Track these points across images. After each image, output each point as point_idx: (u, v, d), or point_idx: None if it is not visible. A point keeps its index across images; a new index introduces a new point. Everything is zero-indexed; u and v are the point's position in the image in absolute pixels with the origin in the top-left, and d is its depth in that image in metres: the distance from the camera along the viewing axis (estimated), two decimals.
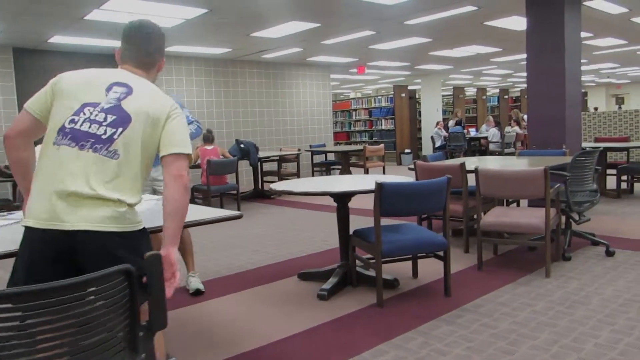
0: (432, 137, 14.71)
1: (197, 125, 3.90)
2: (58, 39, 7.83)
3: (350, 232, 3.76)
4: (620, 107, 24.39)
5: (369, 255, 3.60)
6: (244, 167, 10.03)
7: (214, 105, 10.50)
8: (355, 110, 16.36)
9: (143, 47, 1.99)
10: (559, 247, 4.26)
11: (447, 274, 3.52)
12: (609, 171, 7.55)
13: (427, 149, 14.83)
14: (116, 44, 2.02)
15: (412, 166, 4.90)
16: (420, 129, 16.15)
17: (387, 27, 8.05)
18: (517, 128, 14.54)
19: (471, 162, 5.25)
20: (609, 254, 4.28)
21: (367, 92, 17.92)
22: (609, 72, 18.62)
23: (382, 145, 10.50)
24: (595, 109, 20.70)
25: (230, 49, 9.41)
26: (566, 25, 5.91)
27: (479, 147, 14.42)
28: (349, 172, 10.74)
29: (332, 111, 17.09)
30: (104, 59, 6.47)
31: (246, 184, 9.84)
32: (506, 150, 13.00)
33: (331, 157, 11.83)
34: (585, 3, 6.83)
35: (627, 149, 7.54)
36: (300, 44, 9.25)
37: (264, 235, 5.91)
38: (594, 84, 25.21)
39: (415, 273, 4.00)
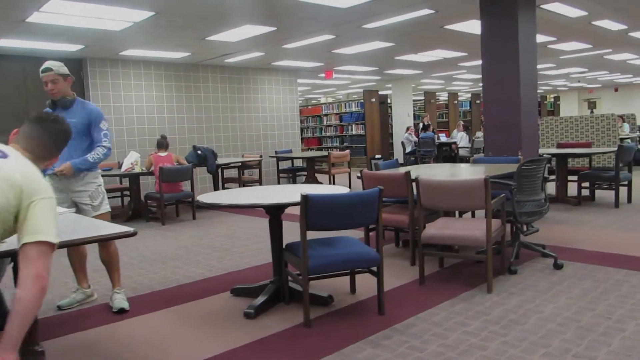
0: (402, 143, 14.58)
1: (107, 149, 3.63)
2: (4, 42, 7.49)
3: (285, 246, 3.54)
4: (592, 112, 24.60)
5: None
6: (205, 173, 9.79)
7: (175, 110, 10.21)
8: (326, 115, 16.18)
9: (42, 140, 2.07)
10: (505, 260, 4.09)
11: (380, 291, 3.31)
12: (570, 177, 7.44)
13: (399, 154, 14.69)
14: (66, 47, 1.83)
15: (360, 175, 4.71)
16: (391, 134, 16.03)
17: (346, 31, 7.88)
18: None
19: (421, 170, 5.08)
20: (557, 267, 4.12)
21: (338, 97, 17.76)
22: (579, 77, 18.72)
23: (347, 152, 10.32)
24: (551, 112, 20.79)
25: (189, 53, 9.15)
26: (520, 28, 5.79)
27: (450, 153, 14.33)
28: (315, 179, 10.54)
29: (303, 116, 16.92)
30: None
31: (208, 191, 9.57)
32: (475, 156, 12.92)
33: (299, 162, 11.63)
34: (542, 6, 6.73)
35: (588, 155, 7.44)
36: (261, 48, 9.03)
37: (211, 245, 5.66)
38: (566, 89, 25.41)
39: (353, 288, 3.80)
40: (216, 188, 8.94)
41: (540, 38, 9.47)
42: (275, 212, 3.63)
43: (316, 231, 3.24)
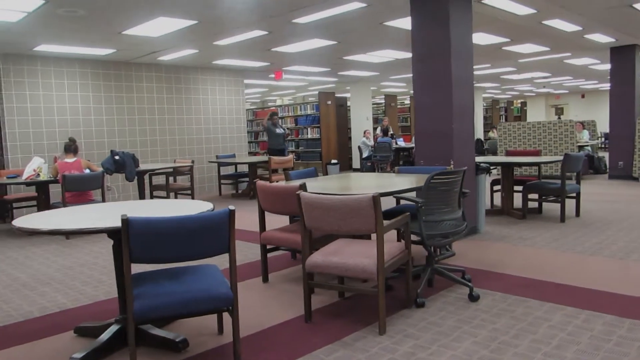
0: (359, 147, 14.00)
1: None
2: None
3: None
4: (559, 118, 24.41)
5: None
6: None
7: (104, 111, 9.40)
8: (281, 118, 15.48)
9: None
10: (412, 290, 3.45)
11: (235, 336, 2.64)
12: (518, 188, 6.88)
13: (357, 159, 14.10)
14: None
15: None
16: (350, 138, 15.43)
17: (278, 26, 7.22)
18: None
19: (329, 182, 4.44)
20: (473, 298, 3.50)
21: (294, 99, 17.11)
22: (544, 82, 18.40)
23: (290, 157, 9.65)
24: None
25: (114, 49, 8.39)
26: (453, 24, 5.20)
27: (409, 158, 13.77)
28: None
29: (259, 119, 16.20)
30: None
31: (130, 200, 8.81)
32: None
33: (245, 168, 10.92)
34: (482, 1, 6.16)
35: (534, 164, 6.90)
36: (191, 44, 8.32)
37: (97, 267, 4.91)
38: (533, 94, 25.19)
39: (220, 328, 3.12)
40: (142, 197, 8.19)
41: (492, 39, 8.97)
42: (118, 237, 2.92)
43: (152, 264, 2.56)
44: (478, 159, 7.40)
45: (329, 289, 3.38)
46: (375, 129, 15.53)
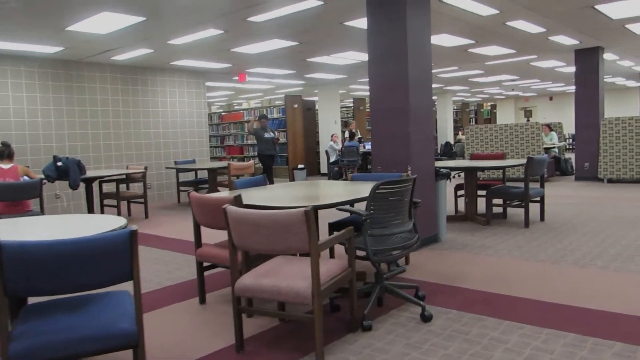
0: (326, 152, 13.71)
1: None
2: None
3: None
4: (528, 120, 24.54)
5: None
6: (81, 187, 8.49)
7: (52, 114, 8.89)
8: (247, 121, 15.08)
9: None
10: (360, 311, 3.13)
11: None
12: (482, 193, 6.66)
13: (326, 164, 13.79)
14: None
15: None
16: (318, 143, 15.12)
17: (233, 25, 6.87)
18: None
19: (275, 191, 4.10)
20: (425, 318, 3.20)
21: (258, 102, 16.73)
22: (512, 85, 18.40)
23: (251, 162, 9.27)
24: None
25: (62, 47, 7.91)
26: (410, 24, 4.92)
27: None
28: (217, 192, 9.44)
29: (225, 123, 15.78)
30: None
31: (78, 211, 8.31)
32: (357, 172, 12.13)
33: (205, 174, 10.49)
34: (443, 0, 5.92)
35: (497, 168, 6.68)
36: (143, 43, 7.90)
37: None
38: (503, 97, 25.29)
39: None
40: (90, 205, 7.71)
41: (457, 41, 8.77)
42: None
43: (36, 296, 2.18)
44: (446, 163, 7.17)
45: (261, 314, 3.03)
46: (343, 132, 15.25)
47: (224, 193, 3.91)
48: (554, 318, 3.14)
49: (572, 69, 12.01)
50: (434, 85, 16.84)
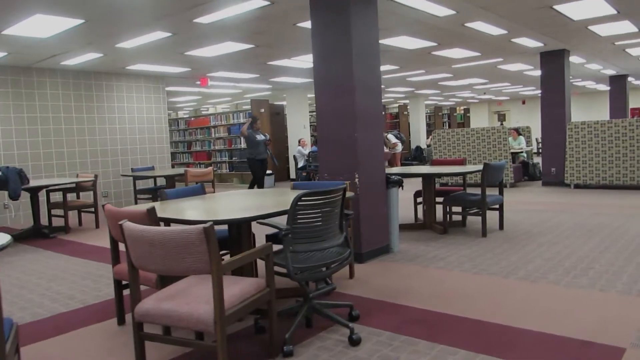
0: (294, 157, 13.45)
1: None
2: None
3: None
4: (502, 124, 24.59)
5: None
6: (26, 197, 8.08)
7: None
8: (214, 127, 14.75)
9: None
10: (278, 335, 2.84)
11: None
12: (439, 199, 6.43)
13: (295, 169, 13.52)
14: None
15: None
16: (288, 148, 14.83)
17: (180, 27, 6.56)
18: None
19: (197, 204, 3.80)
20: (353, 342, 2.92)
21: (226, 107, 16.39)
22: (483, 88, 18.35)
23: (210, 168, 8.92)
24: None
25: (4, 52, 7.52)
26: (354, 24, 4.67)
27: None
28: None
29: (192, 128, 15.41)
30: None
31: (22, 222, 7.91)
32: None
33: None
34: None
35: (456, 174, 6.46)
36: (91, 47, 7.54)
37: None
38: (476, 101, 25.32)
39: None
40: (36, 216, 7.32)
41: (419, 43, 8.58)
42: None
43: None
44: (408, 168, 6.94)
45: (161, 342, 2.72)
46: (314, 137, 15.00)
47: (144, 205, 3.60)
48: (493, 342, 2.89)
49: (540, 72, 11.91)
50: (404, 89, 16.73)
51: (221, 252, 3.98)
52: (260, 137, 10.04)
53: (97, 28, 6.43)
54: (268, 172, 13.36)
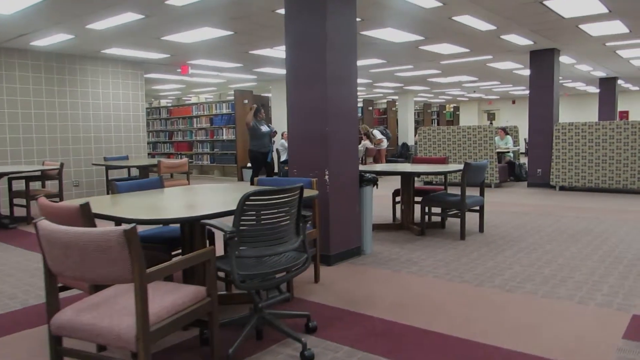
0: (277, 150, 13.10)
1: None
2: None
3: None
4: (491, 123, 24.40)
5: None
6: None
7: None
8: (197, 117, 14.38)
9: None
10: (220, 349, 2.55)
11: None
12: (419, 199, 6.16)
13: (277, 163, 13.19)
14: None
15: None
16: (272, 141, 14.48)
17: (152, 9, 6.21)
18: (367, 142, 13.35)
19: (149, 199, 3.49)
20: (305, 358, 2.64)
21: (209, 97, 16.00)
22: (473, 86, 18.11)
23: (184, 160, 8.57)
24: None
25: None
26: (330, 11, 4.36)
27: None
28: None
29: (174, 117, 15.02)
30: None
31: None
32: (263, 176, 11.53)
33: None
34: None
35: (437, 173, 6.20)
36: (59, 27, 7.16)
37: None
38: (466, 99, 25.11)
39: None
40: None
41: (405, 36, 8.30)
42: None
43: None
44: (394, 165, 6.66)
45: (76, 357, 2.41)
46: None
47: (69, 202, 3.27)
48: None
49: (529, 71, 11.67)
50: (393, 84, 16.44)
51: (174, 252, 3.70)
52: (265, 128, 9.29)
53: (61, 6, 6.07)
54: (249, 164, 13.04)
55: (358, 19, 6.93)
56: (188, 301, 2.34)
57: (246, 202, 2.54)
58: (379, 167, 6.75)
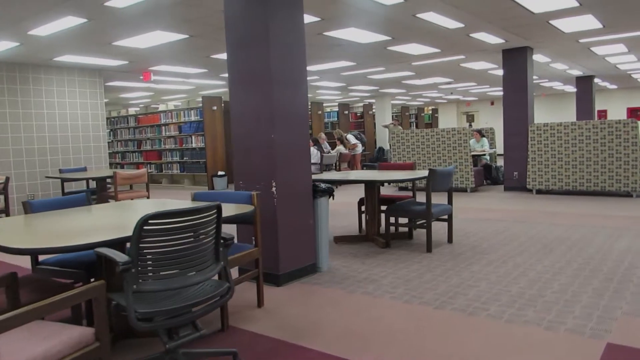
0: None
1: None
2: None
3: None
4: (470, 125, 24.20)
5: None
6: None
7: None
8: (165, 125, 13.89)
9: None
10: None
11: None
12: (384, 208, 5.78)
13: None
14: None
15: None
16: None
17: (92, 11, 5.77)
18: (341, 147, 12.99)
19: (62, 220, 3.06)
20: None
21: (178, 104, 15.54)
22: (450, 88, 17.85)
23: (143, 170, 8.13)
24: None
25: None
26: (273, 5, 3.97)
27: None
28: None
29: (142, 126, 14.52)
30: None
31: None
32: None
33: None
34: None
35: (398, 181, 5.83)
36: (1, 34, 6.69)
37: None
38: (445, 101, 24.90)
39: None
40: None
41: (372, 37, 7.94)
42: None
43: None
44: (358, 174, 6.27)
45: None
46: None
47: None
48: None
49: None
50: (368, 87, 16.10)
51: (92, 280, 3.27)
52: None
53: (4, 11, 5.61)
54: (220, 173, 12.61)
55: (317, 19, 6.58)
56: (68, 348, 1.92)
57: (144, 227, 2.12)
58: (337, 175, 6.37)
